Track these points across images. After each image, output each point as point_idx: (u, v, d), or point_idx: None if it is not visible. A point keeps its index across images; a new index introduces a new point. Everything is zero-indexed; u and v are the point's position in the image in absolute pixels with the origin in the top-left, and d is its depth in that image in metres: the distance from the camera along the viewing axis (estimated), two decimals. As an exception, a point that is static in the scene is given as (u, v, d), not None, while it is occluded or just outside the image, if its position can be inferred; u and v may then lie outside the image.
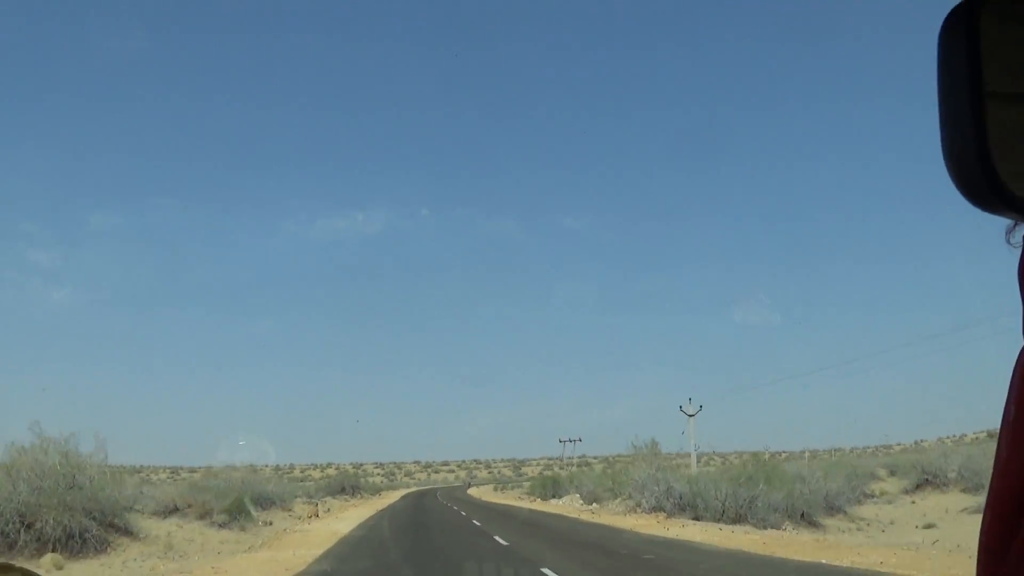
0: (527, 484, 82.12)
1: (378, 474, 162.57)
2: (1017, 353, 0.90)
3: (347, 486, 66.28)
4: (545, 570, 14.37)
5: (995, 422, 0.93)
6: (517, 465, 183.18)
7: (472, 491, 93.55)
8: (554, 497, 50.70)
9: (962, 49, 0.92)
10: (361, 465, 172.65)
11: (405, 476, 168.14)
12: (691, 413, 39.26)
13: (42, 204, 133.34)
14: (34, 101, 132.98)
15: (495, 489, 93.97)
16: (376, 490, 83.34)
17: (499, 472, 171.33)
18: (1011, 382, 0.94)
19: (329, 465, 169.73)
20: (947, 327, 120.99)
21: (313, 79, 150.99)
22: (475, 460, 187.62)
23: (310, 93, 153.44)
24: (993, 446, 0.92)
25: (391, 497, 68.07)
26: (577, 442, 75.16)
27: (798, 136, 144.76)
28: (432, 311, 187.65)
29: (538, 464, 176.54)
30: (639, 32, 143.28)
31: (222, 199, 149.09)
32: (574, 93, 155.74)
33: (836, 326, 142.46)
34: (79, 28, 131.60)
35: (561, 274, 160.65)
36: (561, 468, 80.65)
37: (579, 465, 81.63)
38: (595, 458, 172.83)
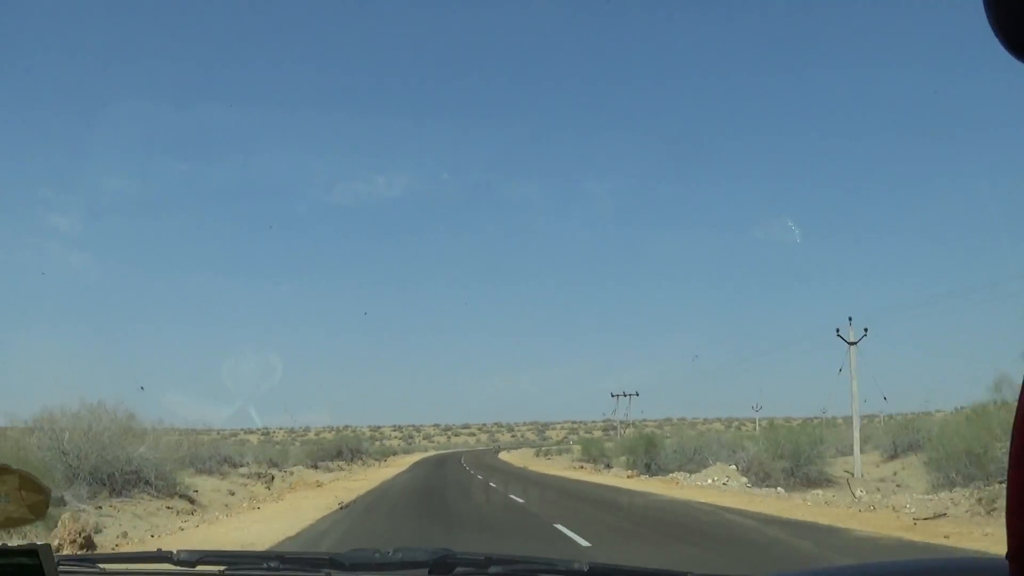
0: (576, 448, 67.38)
1: (396, 437, 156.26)
2: None
3: (345, 450, 52.83)
4: None
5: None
6: (541, 428, 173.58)
7: (505, 456, 76.77)
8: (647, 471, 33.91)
9: None
10: (379, 428, 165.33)
11: (424, 439, 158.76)
12: (852, 340, 25.09)
13: (59, 167, 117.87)
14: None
15: (538, 455, 76.36)
16: (385, 454, 70.10)
17: (522, 436, 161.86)
18: None
19: (345, 428, 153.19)
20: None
21: (330, 38, 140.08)
22: (496, 423, 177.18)
23: (327, 54, 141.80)
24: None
25: (399, 464, 54.16)
26: (634, 396, 61.11)
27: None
28: (449, 274, 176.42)
29: (562, 428, 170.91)
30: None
31: (241, 162, 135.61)
32: (602, 54, 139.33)
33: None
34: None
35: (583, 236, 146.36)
36: (613, 428, 66.73)
37: (633, 425, 67.37)
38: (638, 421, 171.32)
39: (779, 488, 24.31)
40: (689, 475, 28.56)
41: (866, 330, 25.02)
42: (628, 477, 32.11)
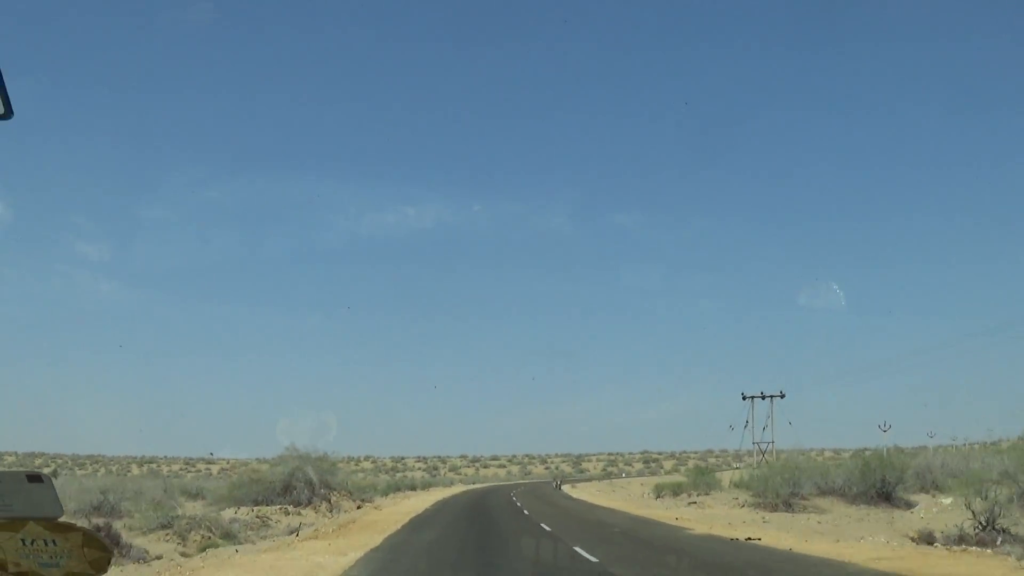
0: (726, 478, 45.73)
1: (419, 468, 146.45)
2: None
3: (301, 485, 33.95)
4: None
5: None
6: (576, 460, 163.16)
7: (585, 495, 51.38)
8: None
9: None
10: (402, 459, 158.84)
11: (450, 471, 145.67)
12: None
13: (90, 195, 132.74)
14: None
15: (658, 493, 45.91)
16: (389, 490, 55.72)
17: (556, 467, 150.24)
18: None
19: (367, 458, 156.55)
20: None
21: (355, 73, 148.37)
22: (527, 454, 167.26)
23: (352, 88, 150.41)
24: None
25: (402, 512, 33.59)
26: (779, 398, 46.84)
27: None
28: (476, 305, 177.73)
29: (599, 459, 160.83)
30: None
31: (267, 193, 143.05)
32: (631, 86, 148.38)
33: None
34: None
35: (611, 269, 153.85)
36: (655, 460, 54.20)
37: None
38: (661, 453, 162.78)
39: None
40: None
41: None
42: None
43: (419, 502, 41.94)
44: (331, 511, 32.51)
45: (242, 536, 21.79)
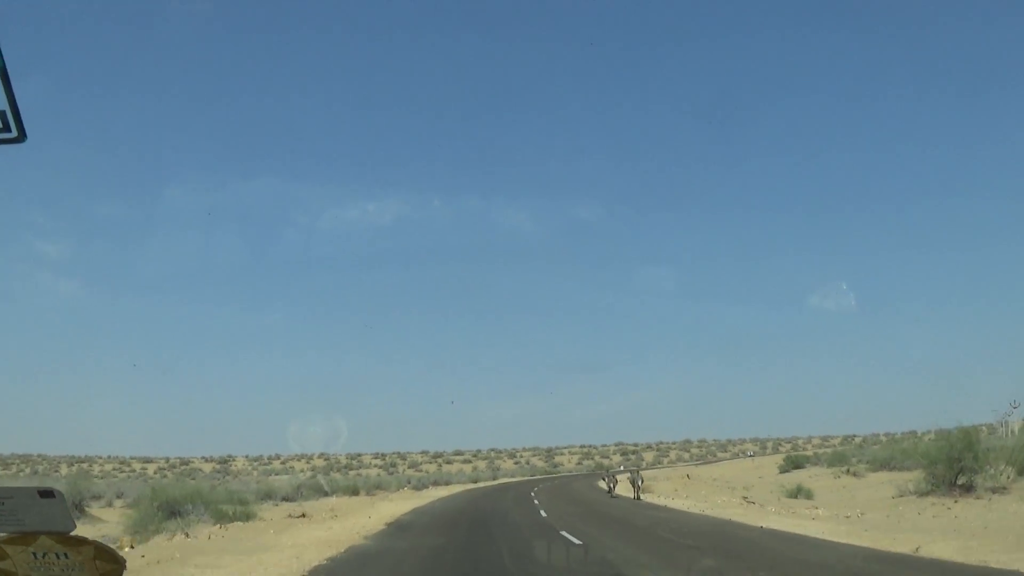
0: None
1: (376, 465, 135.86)
2: None
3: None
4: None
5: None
6: (547, 454, 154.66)
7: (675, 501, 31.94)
8: None
9: None
10: (359, 455, 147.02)
11: (409, 468, 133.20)
12: None
13: (49, 194, 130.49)
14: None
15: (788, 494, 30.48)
16: (317, 493, 40.27)
17: (527, 462, 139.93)
18: None
19: (321, 456, 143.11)
20: None
21: (319, 70, 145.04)
22: (493, 449, 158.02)
23: (315, 84, 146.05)
24: None
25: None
26: None
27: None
28: (441, 300, 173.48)
29: (572, 452, 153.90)
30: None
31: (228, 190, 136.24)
32: (591, 81, 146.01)
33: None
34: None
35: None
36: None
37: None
38: (645, 445, 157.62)
39: None
40: None
41: None
42: None
43: (371, 524, 23.65)
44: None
45: None
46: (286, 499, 37.22)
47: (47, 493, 2.78)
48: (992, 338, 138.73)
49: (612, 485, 38.24)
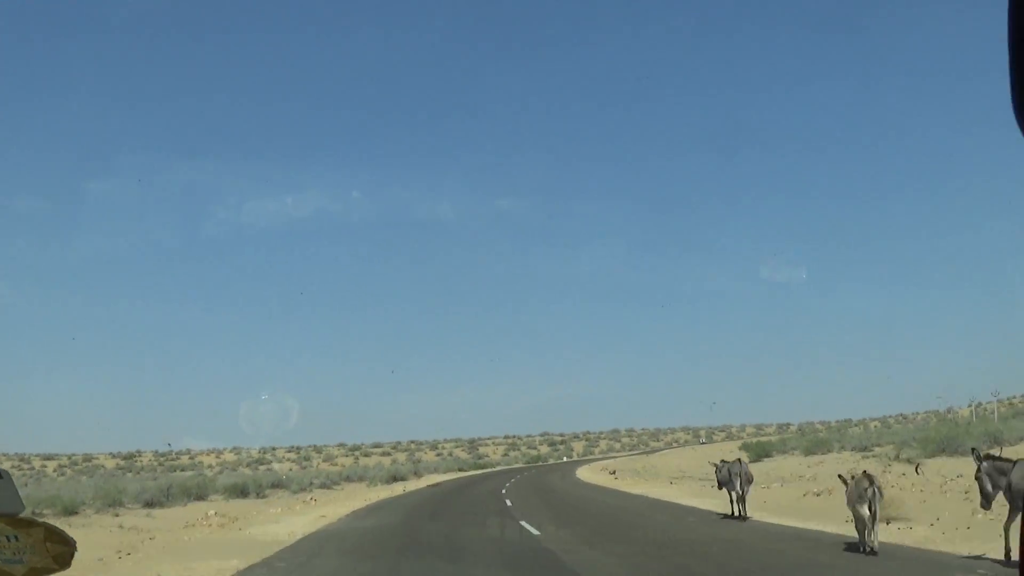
0: None
1: (289, 459, 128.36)
2: None
3: None
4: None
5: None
6: (471, 445, 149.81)
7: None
8: None
9: None
10: (273, 449, 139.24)
11: (325, 462, 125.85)
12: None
13: None
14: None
15: None
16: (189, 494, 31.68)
17: (450, 453, 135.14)
18: None
19: (232, 449, 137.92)
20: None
21: (238, 62, 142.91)
22: (414, 441, 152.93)
23: (233, 75, 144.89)
24: None
25: None
26: None
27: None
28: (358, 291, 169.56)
29: (497, 443, 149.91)
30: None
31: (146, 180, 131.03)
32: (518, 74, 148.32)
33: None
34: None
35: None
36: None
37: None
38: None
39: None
40: None
41: None
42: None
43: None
44: None
45: None
46: (151, 504, 29.22)
47: None
48: (934, 327, 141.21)
49: (738, 501, 19.34)
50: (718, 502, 21.80)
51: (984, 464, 11.72)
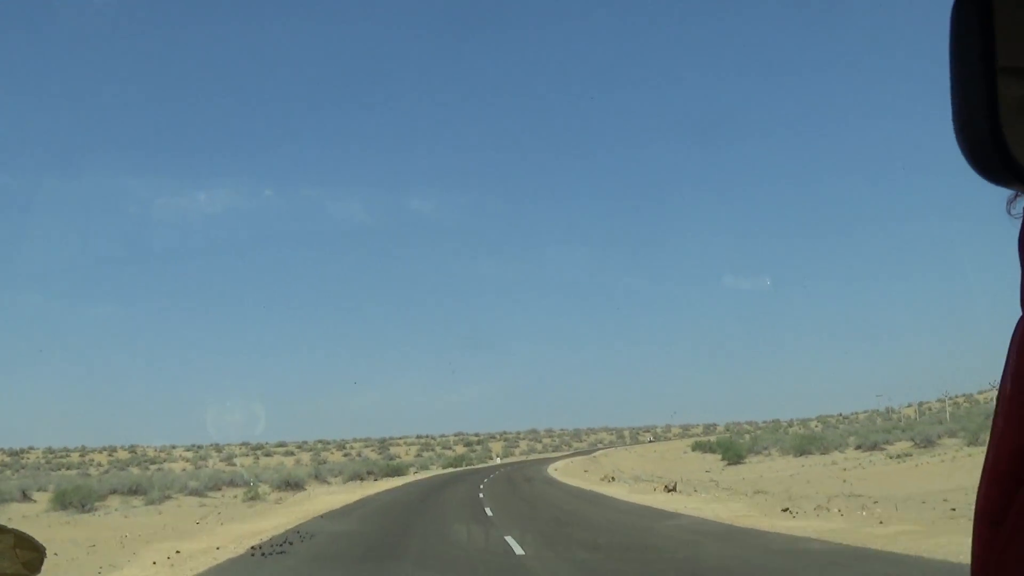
0: None
1: (184, 459, 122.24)
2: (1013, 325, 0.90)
3: None
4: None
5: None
6: (381, 445, 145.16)
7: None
8: None
9: (974, 23, 0.89)
10: (173, 447, 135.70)
11: (223, 461, 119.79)
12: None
13: None
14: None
15: None
16: None
17: (358, 454, 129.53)
18: (1008, 355, 0.93)
19: (129, 447, 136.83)
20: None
21: (156, 55, 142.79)
22: (320, 440, 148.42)
23: (154, 71, 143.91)
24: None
25: None
26: None
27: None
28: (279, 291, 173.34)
29: (409, 443, 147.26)
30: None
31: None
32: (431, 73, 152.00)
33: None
34: None
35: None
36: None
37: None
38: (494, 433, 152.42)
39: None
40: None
41: None
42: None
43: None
44: None
45: None
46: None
47: None
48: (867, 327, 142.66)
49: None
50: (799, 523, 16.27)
51: None
